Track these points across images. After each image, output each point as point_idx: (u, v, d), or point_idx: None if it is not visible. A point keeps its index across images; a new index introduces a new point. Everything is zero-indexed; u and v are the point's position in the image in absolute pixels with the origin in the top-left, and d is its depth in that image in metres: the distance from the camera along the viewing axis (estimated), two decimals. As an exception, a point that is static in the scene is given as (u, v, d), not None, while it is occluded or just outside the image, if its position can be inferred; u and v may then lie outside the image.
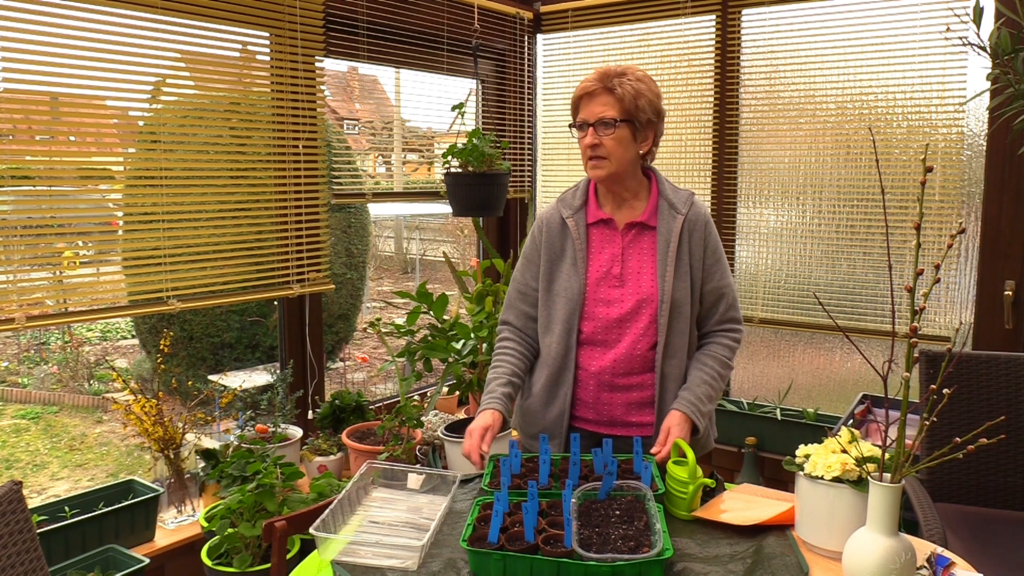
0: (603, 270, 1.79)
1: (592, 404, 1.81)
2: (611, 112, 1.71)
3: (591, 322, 1.78)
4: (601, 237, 1.81)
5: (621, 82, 1.71)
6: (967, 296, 2.80)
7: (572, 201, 1.84)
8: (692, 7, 3.31)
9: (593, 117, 1.72)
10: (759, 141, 3.22)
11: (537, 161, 3.96)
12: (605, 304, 1.77)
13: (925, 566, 1.28)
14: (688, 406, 1.72)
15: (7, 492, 1.42)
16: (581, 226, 1.81)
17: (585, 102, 1.74)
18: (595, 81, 1.73)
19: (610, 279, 1.78)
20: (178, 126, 2.54)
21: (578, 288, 1.77)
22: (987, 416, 2.19)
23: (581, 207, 1.83)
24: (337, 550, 1.37)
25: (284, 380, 2.86)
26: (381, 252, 10.62)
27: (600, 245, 1.81)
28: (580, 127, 1.76)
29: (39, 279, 2.28)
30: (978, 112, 2.73)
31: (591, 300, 1.78)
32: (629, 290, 1.77)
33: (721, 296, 1.82)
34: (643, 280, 1.76)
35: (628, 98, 1.71)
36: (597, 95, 1.72)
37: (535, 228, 1.89)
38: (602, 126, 1.71)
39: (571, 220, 1.81)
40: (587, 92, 1.73)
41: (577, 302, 1.77)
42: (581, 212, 1.82)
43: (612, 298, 1.77)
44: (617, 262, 1.78)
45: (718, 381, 1.79)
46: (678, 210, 1.78)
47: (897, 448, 1.18)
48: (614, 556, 1.23)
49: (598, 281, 1.78)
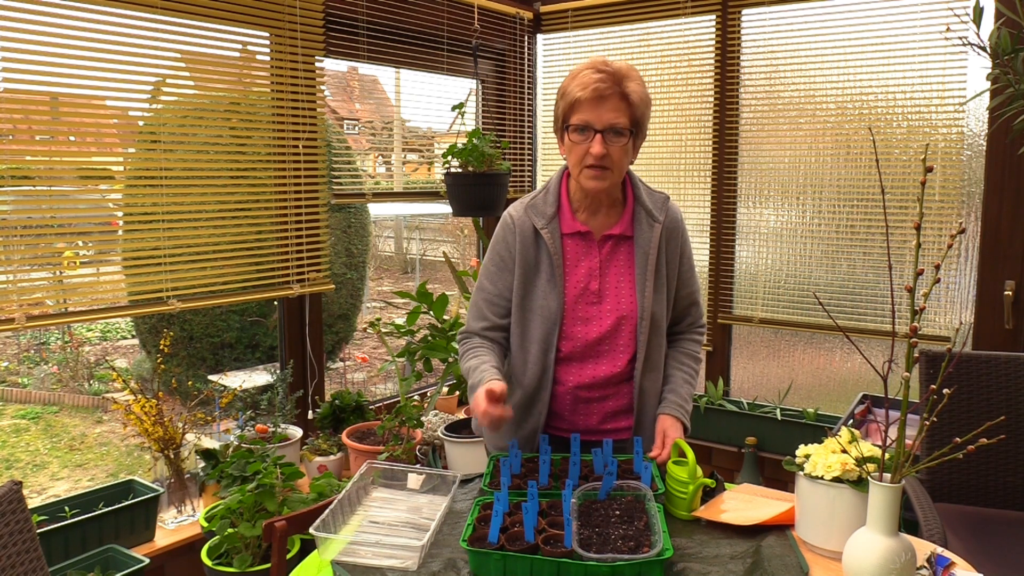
0: (581, 286, 1.66)
1: (568, 416, 1.73)
2: (623, 120, 1.54)
3: (569, 342, 1.67)
4: (577, 249, 1.67)
5: (632, 87, 1.55)
6: (967, 296, 2.80)
7: (544, 208, 1.67)
8: (692, 7, 3.31)
9: (602, 123, 1.54)
10: (759, 141, 3.22)
11: (537, 161, 3.95)
12: (583, 322, 1.66)
13: (925, 566, 1.28)
14: (676, 409, 1.71)
15: (7, 492, 1.42)
16: (556, 238, 1.65)
17: (591, 104, 1.54)
18: (609, 82, 1.53)
19: (588, 295, 1.66)
20: (178, 126, 2.54)
21: (556, 306, 1.64)
22: (987, 416, 2.19)
23: (554, 215, 1.67)
24: (337, 550, 1.37)
25: (284, 380, 2.86)
26: (381, 252, 10.62)
27: (576, 258, 1.67)
28: (580, 130, 1.56)
29: (39, 279, 2.28)
30: (978, 112, 2.73)
31: (569, 319, 1.66)
32: (608, 307, 1.66)
33: (694, 302, 1.81)
34: (621, 296, 1.67)
35: (640, 106, 1.57)
36: (609, 99, 1.54)
37: (507, 232, 1.70)
38: (613, 134, 1.54)
39: (545, 231, 1.64)
40: (599, 95, 1.53)
41: (555, 321, 1.64)
42: (555, 221, 1.66)
43: (590, 315, 1.66)
44: (595, 277, 1.66)
45: (694, 378, 1.80)
46: (655, 218, 1.67)
47: (897, 448, 1.18)
48: (614, 556, 1.22)
49: (576, 298, 1.66)
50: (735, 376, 3.46)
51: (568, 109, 1.58)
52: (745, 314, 3.32)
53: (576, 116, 1.56)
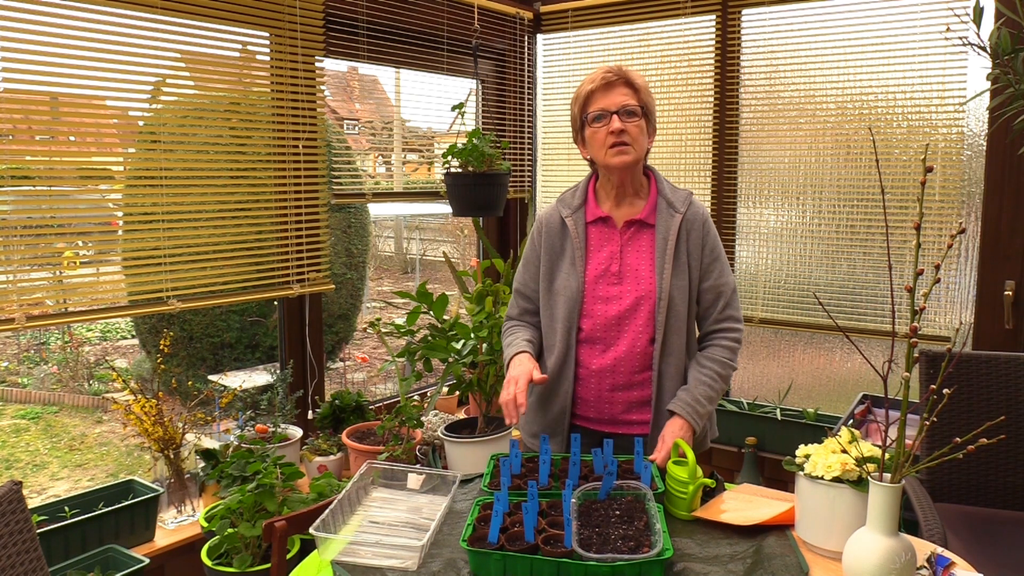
0: (601, 267, 1.79)
1: (594, 403, 1.81)
2: (633, 101, 1.73)
3: (590, 320, 1.78)
4: (600, 235, 1.82)
5: (634, 76, 1.76)
6: (967, 296, 2.80)
7: (571, 201, 1.86)
8: (692, 7, 3.31)
9: (615, 105, 1.72)
10: (759, 141, 3.22)
11: (537, 161, 3.95)
12: (603, 301, 1.78)
13: (925, 566, 1.28)
14: (685, 407, 1.72)
15: (7, 492, 1.42)
16: (580, 225, 1.82)
17: (602, 93, 1.74)
18: (614, 73, 1.74)
19: (608, 276, 1.78)
20: (178, 126, 2.54)
21: (577, 286, 1.78)
22: (987, 416, 2.19)
23: (580, 206, 1.84)
24: (337, 550, 1.37)
25: (284, 380, 2.86)
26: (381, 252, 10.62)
27: (599, 243, 1.81)
28: (598, 117, 1.74)
29: (39, 279, 2.28)
30: (978, 112, 2.73)
31: (590, 297, 1.78)
32: (627, 287, 1.77)
33: (719, 294, 1.81)
34: (641, 277, 1.77)
35: (644, 92, 1.76)
36: (616, 85, 1.74)
37: (534, 231, 1.90)
38: (626, 114, 1.72)
39: (570, 219, 1.82)
40: (607, 83, 1.73)
41: (576, 300, 1.78)
42: (580, 211, 1.84)
43: (610, 295, 1.77)
44: (615, 259, 1.79)
45: (717, 382, 1.78)
46: (676, 209, 1.79)
47: (897, 448, 1.18)
48: (614, 556, 1.23)
49: (596, 278, 1.79)
50: (735, 376, 3.46)
51: (583, 105, 1.78)
52: (745, 314, 3.32)
53: (592, 106, 1.76)
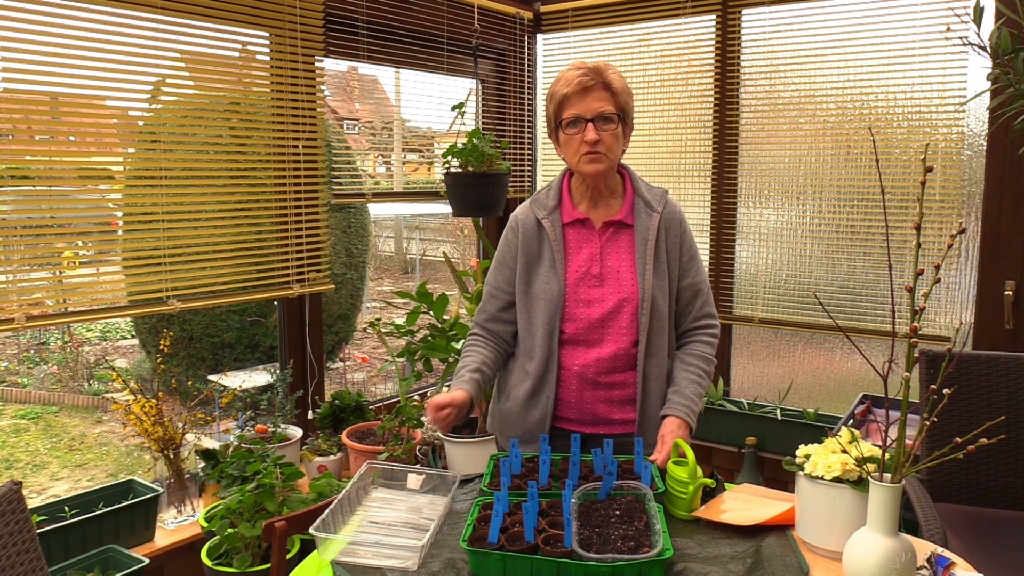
0: (582, 270, 1.75)
1: (575, 403, 1.78)
2: (609, 107, 1.67)
3: (573, 323, 1.74)
4: (578, 237, 1.78)
5: (612, 77, 1.68)
6: (967, 296, 2.79)
7: (546, 201, 1.80)
8: (692, 7, 3.31)
9: (591, 112, 1.66)
10: (759, 141, 3.22)
11: (537, 161, 3.95)
12: (586, 304, 1.74)
13: (925, 566, 1.28)
14: (682, 409, 1.72)
15: (7, 492, 1.42)
16: (557, 226, 1.77)
17: (578, 98, 1.67)
18: (591, 75, 1.67)
19: (589, 279, 1.75)
20: (178, 126, 2.54)
21: (557, 289, 1.73)
22: (987, 416, 2.19)
23: (556, 207, 1.79)
24: (337, 550, 1.37)
25: (284, 380, 2.86)
26: (381, 252, 10.62)
27: (577, 245, 1.77)
28: (573, 123, 1.68)
29: (39, 279, 2.28)
30: (978, 112, 2.73)
31: (571, 301, 1.74)
32: (609, 289, 1.74)
33: (697, 292, 1.82)
34: (623, 279, 1.74)
35: (622, 94, 1.69)
36: (593, 90, 1.67)
37: (509, 230, 1.84)
38: (602, 121, 1.66)
39: (547, 221, 1.76)
40: (583, 87, 1.66)
41: (557, 304, 1.73)
42: (556, 212, 1.78)
43: (592, 298, 1.74)
44: (596, 261, 1.75)
45: (704, 379, 1.79)
46: (653, 208, 1.76)
47: (897, 448, 1.18)
48: (614, 556, 1.22)
49: (577, 281, 1.75)
50: (735, 376, 3.46)
51: (558, 108, 1.72)
52: (745, 314, 3.32)
53: (566, 111, 1.70)
